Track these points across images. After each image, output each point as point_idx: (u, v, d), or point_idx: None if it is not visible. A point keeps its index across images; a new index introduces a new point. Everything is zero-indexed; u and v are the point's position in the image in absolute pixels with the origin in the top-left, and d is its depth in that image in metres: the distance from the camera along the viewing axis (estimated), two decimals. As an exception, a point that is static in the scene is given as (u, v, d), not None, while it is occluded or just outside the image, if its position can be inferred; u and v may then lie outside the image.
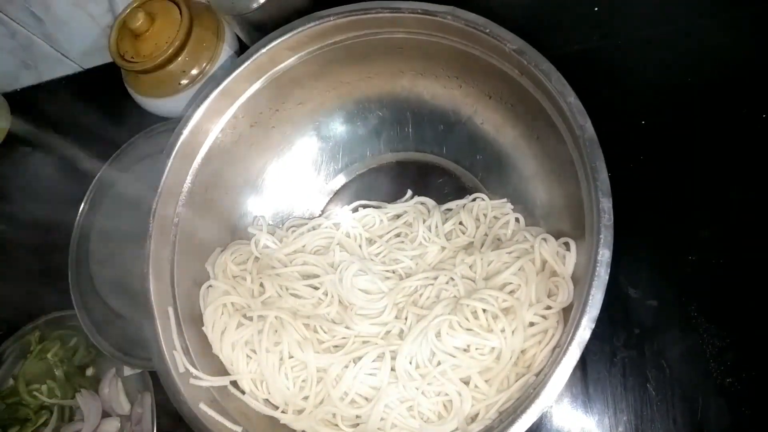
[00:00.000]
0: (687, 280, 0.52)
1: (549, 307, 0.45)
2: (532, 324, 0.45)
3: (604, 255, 0.39)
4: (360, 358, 0.48)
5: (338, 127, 0.61)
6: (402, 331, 0.49)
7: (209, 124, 0.54)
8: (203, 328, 0.52)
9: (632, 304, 0.53)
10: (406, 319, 0.49)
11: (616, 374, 0.51)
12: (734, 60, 0.58)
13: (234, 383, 0.50)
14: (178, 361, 0.48)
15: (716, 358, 0.50)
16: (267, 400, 0.50)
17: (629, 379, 0.51)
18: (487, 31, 0.46)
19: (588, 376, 0.52)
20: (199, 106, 0.53)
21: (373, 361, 0.47)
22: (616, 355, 0.52)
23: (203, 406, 0.46)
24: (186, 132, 0.52)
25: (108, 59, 0.75)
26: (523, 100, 0.49)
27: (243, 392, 0.50)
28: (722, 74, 0.57)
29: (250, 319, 0.51)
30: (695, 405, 0.49)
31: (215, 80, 0.53)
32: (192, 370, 0.48)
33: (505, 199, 0.54)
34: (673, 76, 0.58)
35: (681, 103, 0.58)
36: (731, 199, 0.54)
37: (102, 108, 0.80)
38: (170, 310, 0.50)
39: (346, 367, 0.48)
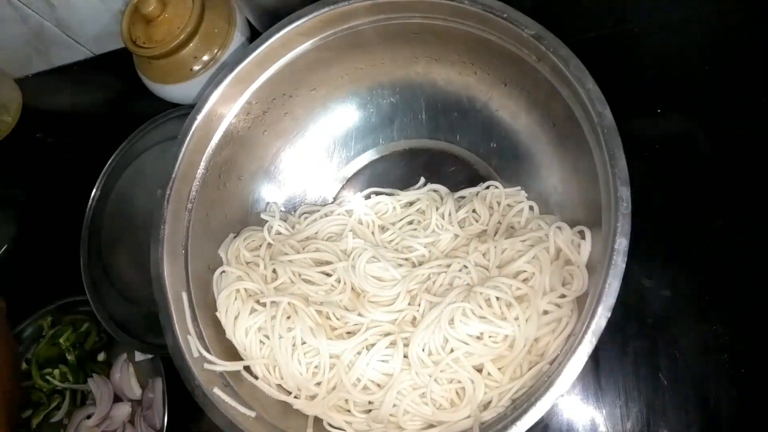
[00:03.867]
0: (701, 270, 0.52)
1: (563, 296, 0.45)
2: (546, 312, 0.45)
3: (621, 244, 0.39)
4: (373, 345, 0.48)
5: (351, 114, 0.61)
6: (415, 318, 0.49)
7: (223, 109, 0.54)
8: (216, 314, 0.52)
9: (646, 294, 0.52)
10: (419, 306, 0.49)
11: (628, 364, 0.51)
12: (750, 46, 0.57)
13: (247, 368, 0.50)
14: (192, 345, 0.48)
15: (729, 349, 0.50)
16: (280, 385, 0.50)
17: (641, 369, 0.51)
18: (505, 15, 0.45)
19: (600, 366, 0.51)
20: (213, 91, 0.52)
21: (386, 347, 0.47)
22: (628, 345, 0.51)
23: (217, 391, 0.46)
24: (200, 117, 0.52)
25: (119, 45, 0.75)
26: (540, 87, 0.48)
27: (256, 377, 0.50)
28: (738, 61, 0.57)
29: (263, 305, 0.51)
30: (708, 395, 0.49)
31: (229, 66, 0.53)
32: (206, 354, 0.48)
33: (519, 187, 0.54)
34: (689, 63, 0.58)
35: (697, 91, 0.57)
36: (746, 189, 0.53)
37: (113, 94, 0.81)
38: (184, 295, 0.50)
39: (359, 353, 0.48)
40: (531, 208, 0.52)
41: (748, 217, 0.53)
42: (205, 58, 0.63)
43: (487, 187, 0.55)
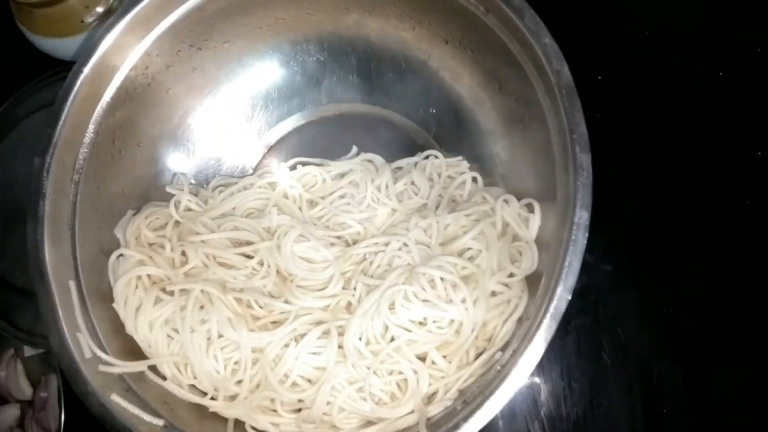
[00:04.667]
0: (641, 244, 0.51)
1: (512, 275, 0.41)
2: (494, 294, 0.41)
3: (582, 217, 0.35)
4: (302, 336, 0.42)
5: (273, 72, 0.54)
6: (350, 303, 0.44)
7: (116, 61, 0.45)
8: (114, 305, 0.44)
9: (587, 269, 0.50)
10: (354, 290, 0.44)
11: (571, 343, 0.49)
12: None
13: (153, 368, 0.43)
14: (83, 344, 0.40)
15: (671, 324, 0.49)
16: (193, 386, 0.44)
17: (584, 347, 0.49)
18: (450, -42, 0.40)
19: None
20: (103, 38, 0.44)
21: (318, 338, 0.42)
22: (570, 323, 0.50)
23: (116, 398, 0.39)
24: (87, 70, 0.44)
25: None
26: (486, 44, 0.44)
27: (164, 378, 0.43)
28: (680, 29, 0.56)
29: (171, 293, 0.44)
30: (651, 372, 0.48)
31: (122, 8, 0.44)
32: (101, 354, 0.40)
33: (460, 157, 0.50)
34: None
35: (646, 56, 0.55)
36: (685, 160, 0.53)
37: (-14, 50, 0.69)
38: (72, 285, 0.42)
39: (286, 346, 0.42)
40: (474, 179, 0.48)
41: (689, 189, 0.52)
42: (99, 8, 0.55)
43: (427, 157, 0.51)
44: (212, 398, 0.43)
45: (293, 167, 0.52)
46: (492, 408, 0.34)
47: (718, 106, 0.54)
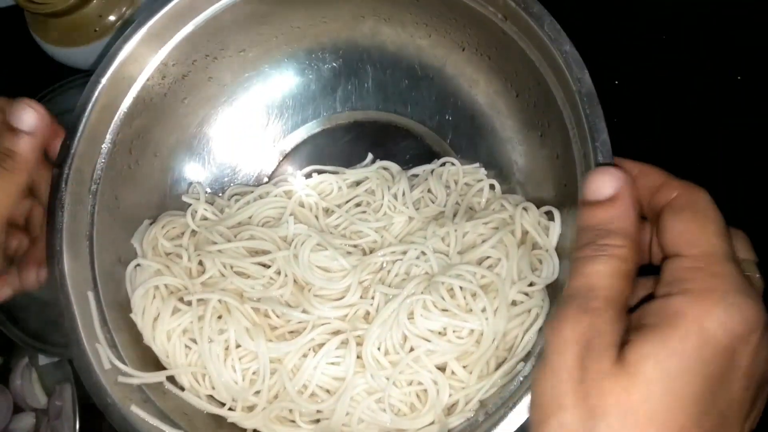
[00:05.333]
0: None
1: (533, 284, 0.41)
2: (514, 303, 0.41)
3: (605, 225, 0.34)
4: (321, 346, 0.42)
5: (288, 81, 0.54)
6: (368, 313, 0.43)
7: (133, 71, 0.45)
8: (131, 315, 0.44)
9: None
10: (372, 299, 0.43)
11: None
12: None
13: (171, 379, 0.43)
14: (102, 355, 0.40)
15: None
16: (211, 396, 0.43)
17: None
18: (467, -35, 0.40)
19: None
20: (121, 49, 0.44)
21: (336, 348, 0.41)
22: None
23: (135, 408, 0.39)
24: (105, 81, 0.43)
25: (9, 1, 0.66)
26: (504, 51, 0.43)
27: (182, 389, 0.43)
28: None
29: (189, 303, 0.43)
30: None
31: (140, 19, 0.44)
32: (120, 365, 0.40)
33: (477, 164, 0.49)
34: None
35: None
36: (714, 165, 0.52)
37: (2, 59, 0.69)
38: (90, 295, 0.42)
39: (305, 356, 0.42)
40: (492, 186, 0.48)
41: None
42: (112, 17, 0.57)
43: (443, 164, 0.50)
44: (230, 409, 0.42)
45: (308, 175, 0.52)
46: (516, 419, 0.33)
47: (739, 109, 0.54)
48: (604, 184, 0.31)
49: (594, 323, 0.27)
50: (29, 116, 0.40)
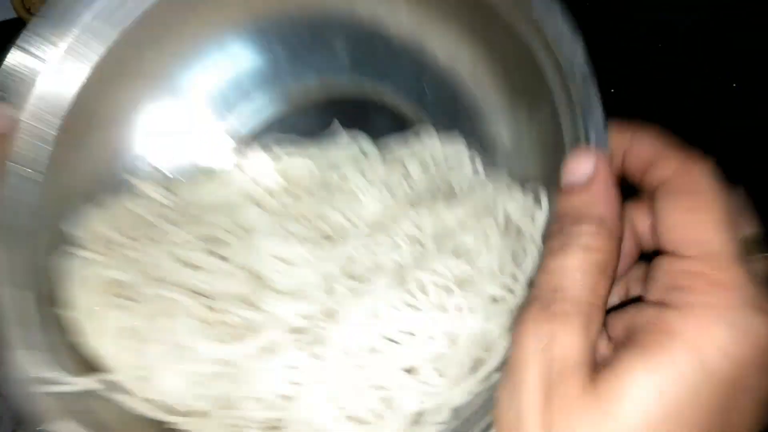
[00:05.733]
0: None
1: (516, 278, 0.36)
2: (495, 299, 0.36)
3: (596, 211, 0.30)
4: (278, 347, 0.37)
5: (250, 50, 0.48)
6: (332, 310, 0.39)
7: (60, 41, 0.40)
8: (68, 313, 0.39)
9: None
10: (337, 294, 0.39)
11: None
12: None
13: (110, 383, 0.38)
14: (25, 360, 0.35)
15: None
16: (155, 402, 0.39)
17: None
18: None
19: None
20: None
21: (295, 350, 0.37)
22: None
23: (64, 423, 0.34)
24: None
25: (10, 14, 0.64)
26: (489, 23, 0.38)
27: (123, 395, 0.38)
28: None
29: (131, 298, 0.39)
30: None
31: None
32: (47, 371, 0.36)
33: (459, 143, 0.44)
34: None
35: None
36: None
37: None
38: (25, 292, 0.37)
39: (260, 358, 0.37)
40: (474, 167, 0.43)
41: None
42: None
43: (421, 143, 0.45)
44: (176, 416, 0.38)
45: (275, 157, 0.47)
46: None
47: (736, 113, 0.51)
48: (579, 166, 0.27)
49: (557, 333, 0.22)
50: None
